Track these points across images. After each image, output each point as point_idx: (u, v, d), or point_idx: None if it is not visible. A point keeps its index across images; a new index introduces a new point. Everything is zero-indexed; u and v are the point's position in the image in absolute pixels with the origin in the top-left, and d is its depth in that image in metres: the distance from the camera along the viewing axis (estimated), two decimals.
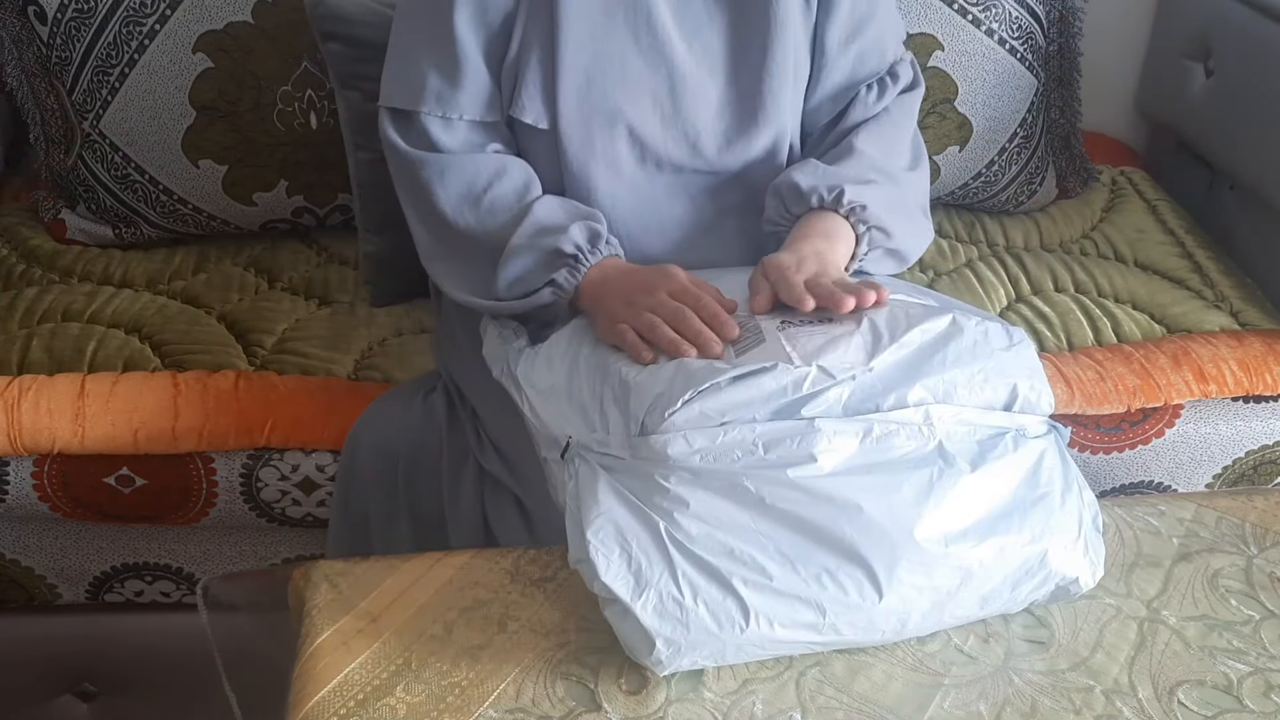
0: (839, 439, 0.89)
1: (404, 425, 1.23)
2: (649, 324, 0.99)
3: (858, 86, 1.20)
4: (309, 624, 0.91)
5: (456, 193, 1.14)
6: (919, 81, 1.25)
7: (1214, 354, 1.40)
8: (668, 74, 1.13)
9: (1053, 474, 0.93)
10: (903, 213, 1.16)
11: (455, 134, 1.15)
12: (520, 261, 1.10)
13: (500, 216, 1.13)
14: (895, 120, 1.21)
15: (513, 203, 1.14)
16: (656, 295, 1.01)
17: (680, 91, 1.14)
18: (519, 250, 1.10)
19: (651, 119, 1.14)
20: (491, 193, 1.14)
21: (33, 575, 1.40)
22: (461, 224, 1.15)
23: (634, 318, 1.00)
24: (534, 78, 1.13)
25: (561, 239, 1.08)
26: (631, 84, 1.13)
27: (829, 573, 0.86)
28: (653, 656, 0.85)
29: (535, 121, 1.14)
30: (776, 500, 0.87)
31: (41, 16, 1.44)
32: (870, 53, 1.20)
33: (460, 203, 1.14)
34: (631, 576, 0.85)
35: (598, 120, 1.13)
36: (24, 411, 1.26)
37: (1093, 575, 0.92)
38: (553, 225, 1.11)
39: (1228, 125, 1.65)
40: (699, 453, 0.88)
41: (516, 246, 1.10)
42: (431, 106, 1.14)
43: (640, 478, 0.89)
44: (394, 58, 1.18)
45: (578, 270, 1.08)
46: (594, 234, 1.10)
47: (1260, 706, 0.88)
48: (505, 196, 1.14)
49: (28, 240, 1.56)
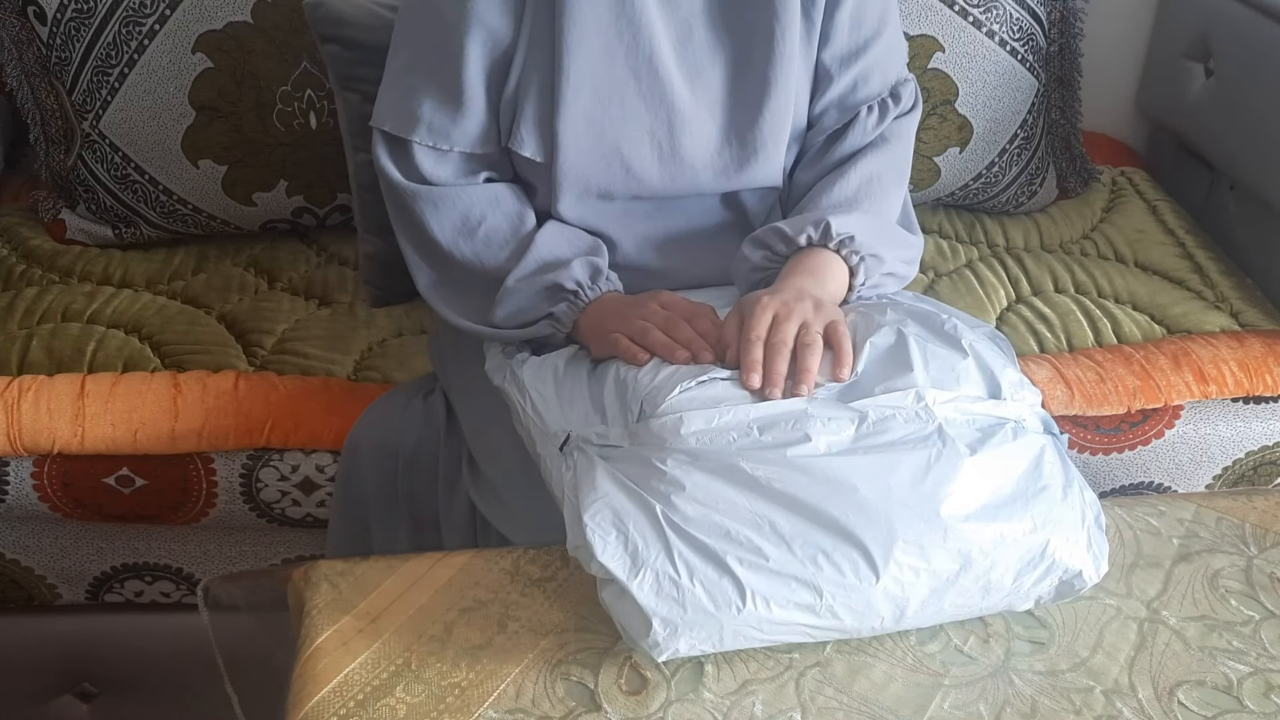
0: (834, 423, 0.90)
1: (404, 426, 1.23)
2: (641, 329, 1.01)
3: (858, 107, 1.18)
4: (309, 624, 0.91)
5: (451, 225, 1.14)
6: (918, 104, 1.23)
7: (1214, 355, 1.40)
8: (667, 115, 1.12)
9: (1054, 469, 0.94)
10: (892, 235, 1.15)
11: (447, 165, 1.14)
12: (520, 296, 1.10)
13: (498, 248, 1.13)
14: (894, 150, 1.19)
15: (509, 234, 1.14)
16: (649, 306, 1.04)
17: (679, 131, 1.13)
18: (519, 285, 1.10)
19: (649, 156, 1.13)
20: (486, 224, 1.14)
21: (33, 575, 1.40)
22: (458, 255, 1.14)
23: (626, 326, 1.02)
24: (533, 111, 1.12)
25: (563, 275, 1.09)
26: (631, 123, 1.12)
27: (825, 553, 0.86)
28: (649, 638, 0.85)
29: (533, 155, 1.13)
30: (772, 481, 0.87)
31: (41, 17, 1.44)
32: (873, 74, 1.18)
33: (455, 235, 1.14)
34: (628, 557, 0.86)
35: (596, 156, 1.13)
36: (24, 412, 1.26)
37: (1096, 570, 0.92)
38: (554, 260, 1.11)
39: (1228, 125, 1.65)
40: (696, 434, 0.90)
41: (517, 281, 1.10)
42: (424, 137, 1.13)
43: (638, 463, 0.91)
44: (393, 81, 1.16)
45: (577, 305, 1.09)
46: (595, 270, 1.11)
47: (1260, 707, 0.88)
48: (500, 229, 1.14)
49: (28, 240, 1.56)
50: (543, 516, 1.02)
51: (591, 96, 1.11)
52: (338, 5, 1.38)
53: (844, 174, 1.16)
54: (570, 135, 1.11)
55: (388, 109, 1.16)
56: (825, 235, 1.07)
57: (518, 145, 1.13)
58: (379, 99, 1.17)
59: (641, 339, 1.01)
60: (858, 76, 1.17)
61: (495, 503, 1.12)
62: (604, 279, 1.11)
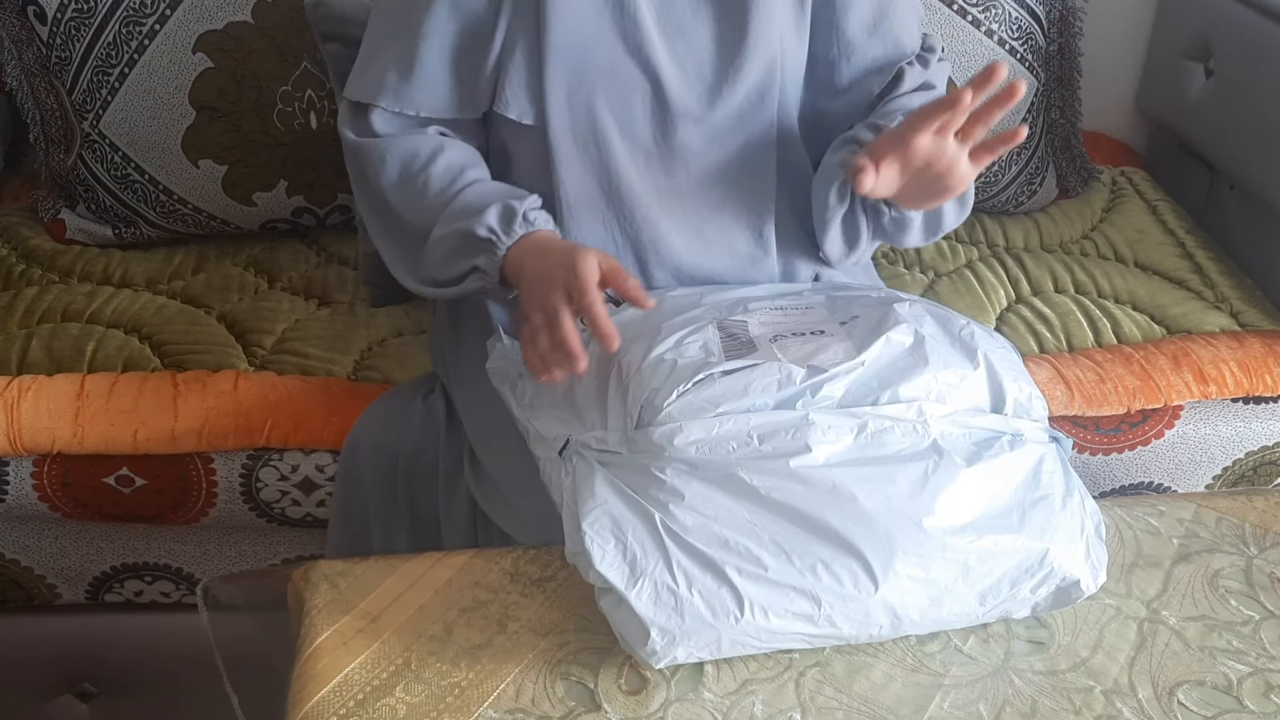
0: (833, 432, 0.90)
1: (404, 425, 1.23)
2: (533, 330, 1.00)
3: (898, 64, 1.17)
4: (309, 624, 0.91)
5: (396, 171, 1.13)
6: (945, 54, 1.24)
7: (1214, 355, 1.40)
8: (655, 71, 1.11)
9: (1053, 478, 0.93)
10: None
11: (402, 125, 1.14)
12: (442, 247, 1.09)
13: (430, 197, 1.11)
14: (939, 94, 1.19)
15: (445, 183, 1.12)
16: (550, 297, 0.99)
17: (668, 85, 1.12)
18: (440, 237, 1.09)
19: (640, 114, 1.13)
20: (427, 170, 1.12)
21: (32, 575, 1.40)
22: (398, 207, 1.14)
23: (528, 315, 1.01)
24: (519, 74, 1.12)
25: (475, 222, 1.06)
26: (620, 78, 1.11)
27: (824, 563, 0.86)
28: (647, 647, 0.85)
29: (519, 117, 1.12)
30: (771, 491, 0.87)
31: (41, 16, 1.44)
32: (902, 34, 1.18)
33: (399, 181, 1.13)
34: (626, 566, 0.86)
35: (588, 117, 1.13)
36: (24, 411, 1.26)
37: (1094, 580, 0.92)
38: (472, 207, 1.09)
39: (1228, 125, 1.65)
40: (695, 444, 0.90)
41: (439, 233, 1.09)
42: (389, 102, 1.12)
43: (637, 471, 0.90)
44: (363, 52, 1.17)
45: (495, 255, 1.06)
46: (508, 213, 1.06)
47: (1260, 707, 0.88)
48: (438, 176, 1.12)
49: (27, 240, 1.56)
50: (546, 514, 1.01)
51: (579, 54, 1.10)
52: (338, 4, 1.38)
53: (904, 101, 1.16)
54: (560, 94, 1.11)
55: (354, 81, 1.16)
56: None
57: (503, 108, 1.12)
58: (351, 73, 1.17)
59: (527, 345, 1.01)
60: (887, 40, 1.17)
61: (498, 500, 1.12)
62: (519, 221, 1.06)
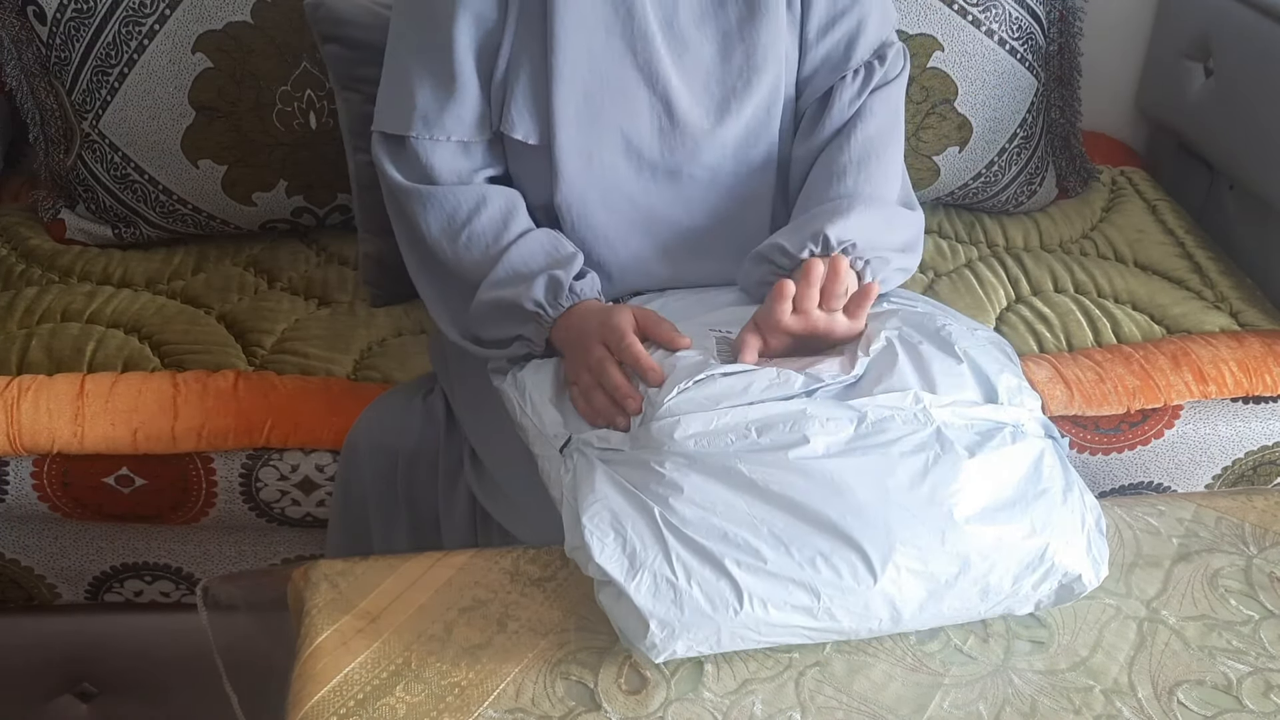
0: (832, 424, 0.91)
1: (404, 425, 1.23)
2: (584, 389, 1.02)
3: (842, 71, 1.17)
4: (309, 624, 0.91)
5: (438, 226, 1.14)
6: (906, 69, 1.22)
7: (1214, 355, 1.40)
8: (665, 87, 1.12)
9: (1054, 473, 0.94)
10: (891, 218, 1.14)
11: (443, 156, 1.14)
12: (487, 312, 1.11)
13: (478, 253, 1.13)
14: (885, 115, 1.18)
15: (490, 239, 1.13)
16: (592, 354, 1.03)
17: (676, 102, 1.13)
18: (485, 298, 1.10)
19: (649, 130, 1.13)
20: (470, 227, 1.13)
21: (32, 575, 1.40)
22: (442, 257, 1.14)
23: (576, 372, 1.04)
24: (525, 93, 1.12)
25: (523, 294, 1.08)
26: (630, 96, 1.12)
27: (823, 556, 0.86)
28: (647, 640, 0.85)
29: (525, 137, 1.13)
30: (770, 483, 0.88)
31: (41, 16, 1.44)
32: (855, 39, 1.17)
33: (441, 236, 1.14)
34: (626, 559, 0.86)
35: (595, 135, 1.13)
36: (23, 411, 1.26)
37: (1095, 575, 0.92)
38: (525, 272, 1.10)
39: (1228, 125, 1.65)
40: (694, 437, 0.90)
41: (485, 291, 1.10)
42: (419, 130, 1.13)
43: (637, 467, 0.91)
44: (387, 81, 1.17)
45: (543, 325, 1.09)
46: (555, 286, 1.08)
47: (1260, 706, 0.88)
48: (483, 233, 1.13)
49: (27, 240, 1.56)
50: (546, 512, 1.02)
51: (589, 72, 1.11)
52: (338, 5, 1.38)
53: (841, 145, 1.16)
54: (569, 112, 1.11)
55: (383, 109, 1.16)
56: (825, 247, 1.07)
57: (508, 128, 1.12)
58: (377, 103, 1.18)
59: (585, 399, 1.02)
60: (838, 42, 1.17)
61: (499, 498, 1.12)
62: (565, 294, 1.09)
